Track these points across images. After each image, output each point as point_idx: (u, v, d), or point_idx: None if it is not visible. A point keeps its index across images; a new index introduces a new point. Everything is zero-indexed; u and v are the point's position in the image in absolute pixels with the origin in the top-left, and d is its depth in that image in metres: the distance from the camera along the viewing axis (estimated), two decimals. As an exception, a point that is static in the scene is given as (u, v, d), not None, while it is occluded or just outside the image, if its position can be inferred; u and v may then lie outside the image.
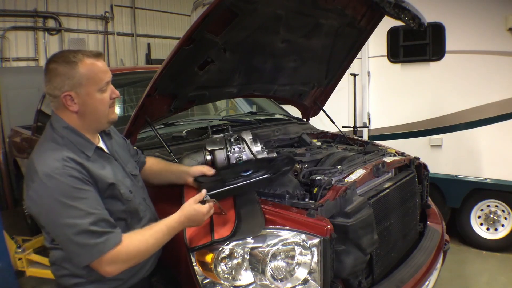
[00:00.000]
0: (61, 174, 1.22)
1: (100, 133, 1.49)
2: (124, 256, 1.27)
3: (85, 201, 1.23)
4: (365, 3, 2.35)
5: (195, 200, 1.41)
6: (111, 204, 1.35)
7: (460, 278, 3.28)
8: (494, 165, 3.56)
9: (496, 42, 3.43)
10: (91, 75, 1.31)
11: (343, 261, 1.63)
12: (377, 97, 4.23)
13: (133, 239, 1.30)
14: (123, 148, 1.62)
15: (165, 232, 1.36)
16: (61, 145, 1.31)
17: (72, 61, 1.29)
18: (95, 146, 1.39)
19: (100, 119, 1.39)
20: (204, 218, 1.42)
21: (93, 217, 1.23)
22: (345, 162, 2.06)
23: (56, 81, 1.29)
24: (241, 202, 1.62)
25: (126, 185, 1.43)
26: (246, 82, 2.44)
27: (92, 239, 1.21)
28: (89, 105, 1.33)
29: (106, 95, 1.36)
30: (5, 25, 6.55)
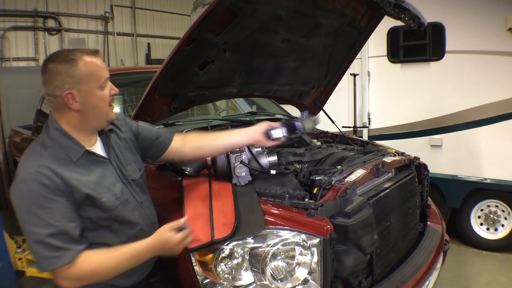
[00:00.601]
0: (33, 180, 1.22)
1: (100, 135, 1.47)
2: (78, 275, 1.25)
3: (49, 211, 1.22)
4: (365, 3, 2.35)
5: (171, 227, 1.31)
6: (91, 212, 1.33)
7: (460, 278, 3.28)
8: (494, 165, 3.56)
9: (496, 42, 3.44)
10: (92, 72, 1.31)
11: (343, 261, 1.63)
12: (377, 97, 4.23)
13: (91, 259, 1.26)
14: (127, 149, 1.55)
15: (128, 257, 1.30)
16: (47, 148, 1.31)
17: (72, 59, 1.29)
18: (84, 150, 1.36)
19: (100, 117, 1.38)
20: (177, 247, 1.32)
21: (53, 229, 1.21)
22: (345, 162, 2.06)
23: (57, 80, 1.28)
24: (241, 202, 1.62)
25: (114, 192, 1.39)
26: (246, 82, 2.44)
27: (46, 252, 1.21)
28: (90, 103, 1.33)
29: (106, 92, 1.37)
30: (5, 25, 6.55)
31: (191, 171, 1.84)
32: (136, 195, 1.50)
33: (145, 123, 1.71)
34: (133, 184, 1.50)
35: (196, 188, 1.73)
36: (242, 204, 1.61)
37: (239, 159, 1.75)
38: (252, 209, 1.59)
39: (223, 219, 1.53)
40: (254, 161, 1.78)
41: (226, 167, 1.77)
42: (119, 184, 1.43)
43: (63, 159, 1.30)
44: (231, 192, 1.69)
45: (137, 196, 1.50)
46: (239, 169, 1.73)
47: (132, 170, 1.52)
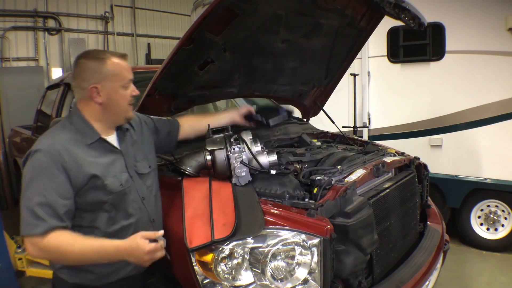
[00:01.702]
0: (43, 152, 1.35)
1: (117, 130, 1.58)
2: (44, 246, 1.30)
3: (46, 183, 1.32)
4: (365, 3, 2.35)
5: (144, 235, 1.32)
6: (93, 194, 1.40)
7: (460, 278, 3.28)
8: (494, 165, 3.56)
9: (496, 42, 3.44)
10: (117, 72, 1.46)
11: (343, 261, 1.63)
12: (377, 97, 4.23)
13: (60, 238, 1.31)
14: (140, 148, 1.66)
15: (95, 250, 1.32)
16: (65, 129, 1.45)
17: (101, 58, 1.44)
18: (99, 136, 1.48)
19: (119, 114, 1.52)
20: (145, 257, 1.31)
21: (42, 198, 1.30)
22: (345, 162, 2.06)
23: (85, 74, 1.43)
24: (241, 202, 1.62)
25: (119, 178, 1.48)
26: (246, 82, 2.44)
27: (29, 217, 1.30)
28: (112, 99, 1.47)
29: (127, 92, 1.50)
30: (5, 25, 6.55)
31: (191, 171, 1.85)
32: (140, 189, 1.56)
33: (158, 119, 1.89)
34: (139, 178, 1.58)
35: (196, 188, 1.73)
36: (242, 204, 1.61)
37: (239, 159, 1.75)
38: (252, 209, 1.59)
39: (223, 219, 1.53)
40: (254, 161, 1.78)
41: (226, 167, 1.77)
42: (126, 174, 1.52)
43: (78, 140, 1.43)
44: (231, 192, 1.69)
45: (140, 191, 1.56)
46: (239, 169, 1.73)
47: (141, 166, 1.62)
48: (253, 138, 1.88)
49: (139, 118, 1.78)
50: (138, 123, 1.74)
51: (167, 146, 1.91)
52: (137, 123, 1.72)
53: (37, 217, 1.29)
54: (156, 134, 1.82)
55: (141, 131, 1.73)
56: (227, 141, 1.81)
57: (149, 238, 1.31)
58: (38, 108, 4.16)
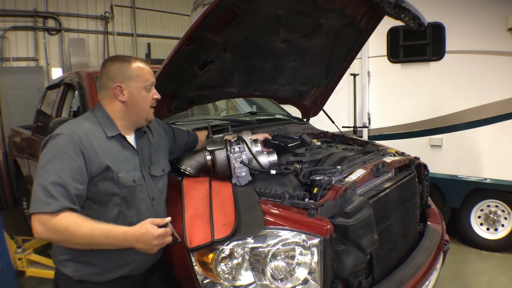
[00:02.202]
0: (64, 136, 1.41)
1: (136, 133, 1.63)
2: (51, 225, 1.31)
3: (62, 164, 1.36)
4: (365, 3, 2.35)
5: (153, 221, 1.34)
6: (107, 185, 1.45)
7: (460, 278, 3.28)
8: (494, 165, 3.56)
9: (496, 42, 3.43)
10: (140, 74, 1.55)
11: (343, 261, 1.63)
12: (377, 97, 4.23)
13: (70, 218, 1.32)
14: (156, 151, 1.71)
15: (103, 233, 1.32)
16: (87, 120, 1.52)
17: (126, 60, 1.55)
18: (119, 132, 1.54)
19: (141, 114, 1.58)
20: (154, 242, 1.31)
21: (57, 178, 1.33)
22: (345, 162, 2.06)
23: (111, 73, 1.53)
24: (241, 202, 1.62)
25: (132, 174, 1.52)
26: (246, 82, 2.44)
27: (41, 195, 1.32)
28: (135, 99, 1.54)
29: (149, 95, 1.58)
30: (5, 25, 6.55)
31: (191, 171, 1.85)
32: (150, 190, 1.59)
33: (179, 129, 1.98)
34: (151, 180, 1.61)
35: (196, 188, 1.73)
36: (242, 204, 1.61)
37: (239, 159, 1.75)
38: (252, 209, 1.59)
39: (223, 219, 1.53)
40: (254, 161, 1.78)
41: (226, 167, 1.77)
42: (139, 173, 1.56)
43: (99, 132, 1.50)
44: (231, 192, 1.69)
45: (150, 191, 1.59)
46: (239, 169, 1.73)
47: (155, 168, 1.66)
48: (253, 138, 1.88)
49: (160, 124, 1.85)
50: (157, 128, 1.80)
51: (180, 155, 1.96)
52: (156, 129, 1.79)
53: (50, 195, 1.31)
54: (173, 143, 1.90)
55: (159, 135, 1.78)
56: (227, 141, 1.81)
57: (157, 224, 1.33)
58: (38, 108, 4.15)
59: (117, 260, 1.48)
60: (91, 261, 1.46)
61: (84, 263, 1.46)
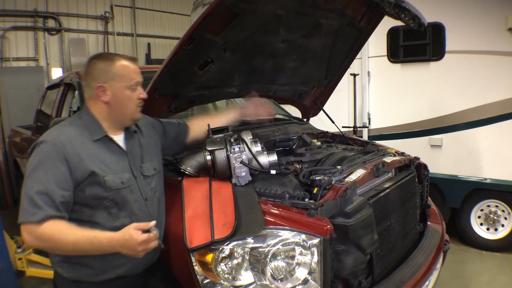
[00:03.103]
0: (48, 143, 1.40)
1: (125, 131, 1.61)
2: (38, 234, 1.32)
3: (47, 172, 1.35)
4: (365, 3, 2.35)
5: (136, 227, 1.32)
6: (94, 189, 1.43)
7: (460, 278, 3.28)
8: (494, 165, 3.56)
9: (496, 42, 3.43)
10: (124, 73, 1.51)
11: (343, 261, 1.63)
12: (377, 97, 4.23)
13: (55, 226, 1.32)
14: (147, 150, 1.68)
15: (88, 240, 1.32)
16: (72, 125, 1.50)
17: (110, 59, 1.51)
18: (105, 134, 1.52)
19: (125, 114, 1.55)
20: (139, 247, 1.29)
21: (42, 187, 1.34)
22: (345, 162, 2.06)
23: (94, 73, 1.50)
24: (241, 202, 1.62)
25: (120, 176, 1.49)
26: (246, 82, 2.44)
27: (28, 205, 1.33)
28: (118, 99, 1.51)
29: (134, 94, 1.54)
30: (5, 25, 6.55)
31: (191, 171, 1.85)
32: (143, 190, 1.58)
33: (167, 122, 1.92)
34: (143, 179, 1.59)
35: (196, 188, 1.73)
36: (242, 204, 1.61)
37: (239, 159, 1.75)
38: (252, 209, 1.59)
39: (223, 219, 1.53)
40: (254, 161, 1.78)
41: (226, 167, 1.77)
42: (128, 174, 1.54)
43: (84, 136, 1.48)
44: (231, 192, 1.69)
45: (143, 191, 1.57)
46: (239, 169, 1.73)
47: (147, 168, 1.64)
48: (253, 138, 1.88)
49: (148, 121, 1.81)
50: (146, 125, 1.77)
51: (175, 149, 1.95)
52: (145, 126, 1.75)
53: (35, 205, 1.32)
54: (165, 138, 1.86)
55: (149, 134, 1.76)
56: (227, 141, 1.81)
57: (142, 229, 1.31)
58: (38, 108, 4.16)
59: (111, 261, 1.46)
60: (85, 262, 1.45)
61: (78, 264, 1.45)
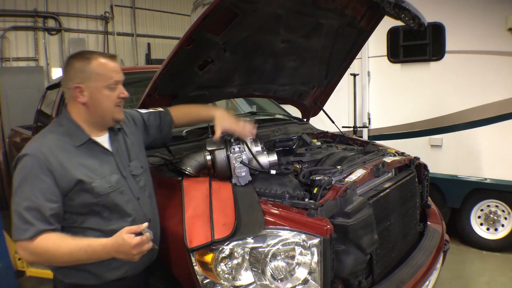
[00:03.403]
0: (30, 156, 1.36)
1: (109, 131, 1.57)
2: (32, 249, 1.32)
3: (32, 187, 1.33)
4: (365, 3, 2.35)
5: (129, 230, 1.31)
6: (82, 196, 1.40)
7: (460, 278, 3.28)
8: (494, 165, 3.56)
9: (496, 42, 3.43)
10: (102, 72, 1.44)
11: (343, 261, 1.63)
12: (377, 97, 4.23)
13: (48, 240, 1.32)
14: (132, 148, 1.64)
15: (82, 249, 1.32)
16: (53, 132, 1.45)
17: (87, 58, 1.44)
18: (88, 138, 1.47)
19: (105, 115, 1.49)
20: (133, 251, 1.29)
21: (30, 203, 1.32)
22: (345, 162, 2.06)
23: (71, 74, 1.44)
24: (241, 202, 1.62)
25: (109, 180, 1.46)
26: (246, 82, 2.44)
27: (19, 222, 1.32)
28: (96, 99, 1.45)
29: (114, 93, 1.48)
30: (5, 25, 6.55)
31: (191, 171, 1.85)
32: (134, 190, 1.55)
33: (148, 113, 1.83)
34: (133, 179, 1.57)
35: (196, 188, 1.73)
36: (242, 204, 1.61)
37: (239, 159, 1.75)
38: (252, 209, 1.59)
39: (223, 219, 1.53)
40: (254, 161, 1.78)
41: (226, 167, 1.77)
42: (117, 175, 1.51)
43: (66, 143, 1.43)
44: (231, 192, 1.69)
45: (134, 191, 1.55)
46: (239, 169, 1.73)
47: (134, 166, 1.61)
48: (253, 138, 1.88)
49: (128, 116, 1.74)
50: (128, 122, 1.71)
51: (160, 140, 1.90)
52: (127, 123, 1.69)
53: (25, 222, 1.30)
54: (146, 133, 1.79)
55: (131, 130, 1.70)
56: (227, 141, 1.81)
57: (134, 232, 1.31)
58: (38, 108, 4.15)
59: (108, 264, 1.44)
60: (83, 267, 1.42)
61: (76, 269, 1.43)
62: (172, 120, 1.87)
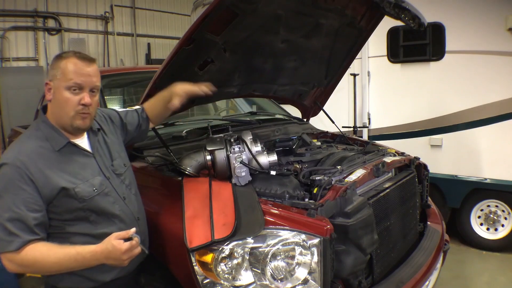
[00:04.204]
0: (8, 166, 1.32)
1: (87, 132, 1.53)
2: (20, 261, 1.30)
3: (13, 197, 1.29)
4: (365, 3, 2.35)
5: (117, 236, 1.30)
6: (67, 202, 1.38)
7: (460, 278, 3.28)
8: (494, 165, 3.56)
9: (496, 42, 3.44)
10: (65, 72, 1.38)
11: (343, 261, 1.63)
12: (377, 97, 4.23)
13: (36, 250, 1.30)
14: (113, 147, 1.62)
15: (72, 258, 1.30)
16: (30, 138, 1.41)
17: (63, 56, 1.41)
18: (67, 141, 1.44)
19: (63, 117, 1.42)
20: (123, 257, 1.29)
21: (12, 214, 1.28)
22: (345, 162, 2.06)
23: (48, 71, 1.45)
24: (241, 202, 1.62)
25: (92, 183, 1.44)
26: (246, 82, 2.44)
27: (2, 234, 1.28)
28: (56, 99, 1.41)
29: (74, 97, 1.39)
30: (5, 25, 6.56)
31: (191, 171, 1.85)
32: (119, 190, 1.54)
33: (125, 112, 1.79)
34: (117, 178, 1.55)
35: (196, 188, 1.73)
36: (242, 204, 1.61)
37: (239, 159, 1.75)
38: (252, 209, 1.59)
39: (223, 219, 1.53)
40: (254, 161, 1.78)
41: (226, 167, 1.77)
42: (100, 177, 1.48)
43: (45, 148, 1.39)
44: (231, 192, 1.69)
45: (119, 191, 1.54)
46: (239, 169, 1.73)
47: (117, 165, 1.59)
48: (253, 138, 1.88)
49: (105, 115, 1.71)
50: (104, 121, 1.68)
51: (138, 138, 1.87)
52: (104, 122, 1.67)
53: (9, 233, 1.27)
54: (124, 131, 1.76)
55: (109, 129, 1.67)
56: (227, 141, 1.81)
57: (123, 238, 1.30)
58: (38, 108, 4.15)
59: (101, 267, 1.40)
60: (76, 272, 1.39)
61: (69, 273, 1.41)
62: (148, 117, 1.82)
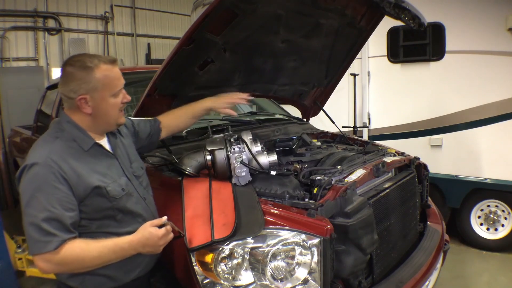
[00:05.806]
0: (41, 165, 1.30)
1: (107, 134, 1.56)
2: (58, 260, 1.28)
3: (48, 197, 1.28)
4: (365, 3, 2.35)
5: (152, 223, 1.36)
6: (97, 201, 1.39)
7: (460, 278, 3.28)
8: (494, 165, 3.56)
9: (496, 42, 3.43)
10: (106, 82, 1.40)
11: (343, 261, 1.63)
12: (377, 97, 4.23)
13: (75, 247, 1.30)
14: (130, 149, 1.65)
15: (111, 250, 1.33)
16: (57, 138, 1.40)
17: (89, 67, 1.36)
18: (94, 141, 1.46)
19: (110, 122, 1.48)
20: (159, 242, 1.35)
21: (48, 213, 1.27)
22: (345, 162, 2.06)
23: (72, 85, 1.37)
24: (241, 202, 1.62)
25: (119, 183, 1.47)
26: (246, 82, 2.44)
27: (38, 235, 1.26)
28: (102, 109, 1.42)
29: (118, 100, 1.46)
30: (5, 25, 6.56)
31: (191, 171, 1.85)
32: (140, 190, 1.57)
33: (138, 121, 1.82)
34: (137, 180, 1.58)
35: (196, 188, 1.73)
36: (242, 204, 1.61)
37: (239, 159, 1.75)
38: (252, 209, 1.59)
39: (223, 219, 1.54)
40: (254, 161, 1.78)
41: (226, 167, 1.77)
42: (124, 177, 1.51)
43: (74, 148, 1.40)
44: (231, 192, 1.69)
45: (140, 191, 1.57)
46: (239, 169, 1.73)
47: (136, 167, 1.61)
48: (253, 138, 1.88)
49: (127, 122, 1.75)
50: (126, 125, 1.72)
51: (147, 149, 1.89)
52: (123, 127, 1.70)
53: (47, 234, 1.26)
54: (136, 138, 1.78)
55: (125, 133, 1.70)
56: (227, 141, 1.81)
57: (157, 225, 1.36)
58: (38, 108, 4.16)
59: (127, 264, 1.45)
60: (98, 272, 1.41)
61: (94, 274, 1.41)
62: (160, 128, 1.86)
